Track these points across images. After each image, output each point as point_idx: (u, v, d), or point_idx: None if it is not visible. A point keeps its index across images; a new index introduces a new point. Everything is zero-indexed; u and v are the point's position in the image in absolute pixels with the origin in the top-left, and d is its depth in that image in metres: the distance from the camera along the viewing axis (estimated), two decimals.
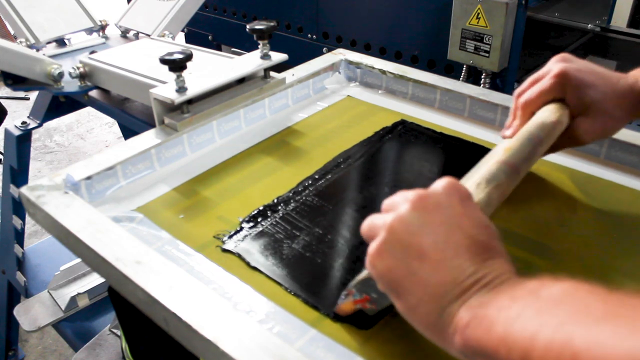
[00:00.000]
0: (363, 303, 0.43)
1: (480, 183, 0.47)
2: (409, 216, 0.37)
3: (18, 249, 1.36)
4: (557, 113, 0.56)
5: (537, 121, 0.55)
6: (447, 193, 0.38)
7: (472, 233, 0.36)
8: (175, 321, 0.42)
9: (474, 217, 0.37)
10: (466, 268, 0.35)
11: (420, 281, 0.35)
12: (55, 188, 0.58)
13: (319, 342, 0.44)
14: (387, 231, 0.37)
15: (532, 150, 0.52)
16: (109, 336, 1.25)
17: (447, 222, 0.36)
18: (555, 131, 0.55)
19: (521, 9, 1.05)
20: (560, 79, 0.56)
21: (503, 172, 0.48)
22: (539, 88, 0.57)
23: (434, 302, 0.35)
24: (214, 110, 0.73)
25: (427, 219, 0.36)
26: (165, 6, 1.21)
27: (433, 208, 0.37)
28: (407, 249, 0.36)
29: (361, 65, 0.89)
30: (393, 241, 0.37)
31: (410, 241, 0.36)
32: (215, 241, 0.55)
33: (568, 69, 0.55)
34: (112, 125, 3.03)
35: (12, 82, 1.02)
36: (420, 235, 0.36)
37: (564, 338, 0.28)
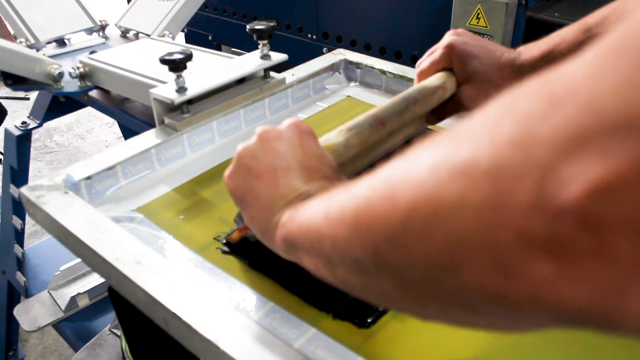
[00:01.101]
0: (245, 231, 0.49)
1: (342, 130, 0.51)
2: (253, 145, 0.44)
3: (18, 249, 1.36)
4: (441, 80, 0.62)
5: (420, 85, 0.61)
6: (289, 128, 0.45)
7: (303, 159, 0.43)
8: (175, 321, 0.42)
9: (308, 148, 0.44)
10: (293, 185, 0.41)
11: (256, 196, 0.42)
12: (55, 188, 0.58)
13: (318, 341, 0.44)
14: (236, 157, 0.44)
15: (403, 106, 0.57)
16: (109, 336, 1.25)
17: (283, 150, 0.43)
18: (436, 94, 0.61)
19: (521, 9, 1.05)
20: (447, 50, 0.62)
21: (367, 122, 0.53)
22: (430, 59, 0.64)
23: (266, 212, 0.41)
24: (214, 110, 0.73)
25: (266, 146, 0.43)
26: (165, 6, 1.21)
27: (273, 138, 0.43)
28: (248, 170, 0.43)
29: (361, 65, 0.89)
30: (239, 165, 0.44)
31: (251, 164, 0.43)
32: (215, 242, 0.55)
33: (455, 40, 0.62)
34: (112, 125, 3.03)
35: (12, 82, 1.02)
36: (259, 159, 0.43)
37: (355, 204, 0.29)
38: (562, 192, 0.19)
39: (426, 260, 0.24)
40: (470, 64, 0.62)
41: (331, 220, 0.31)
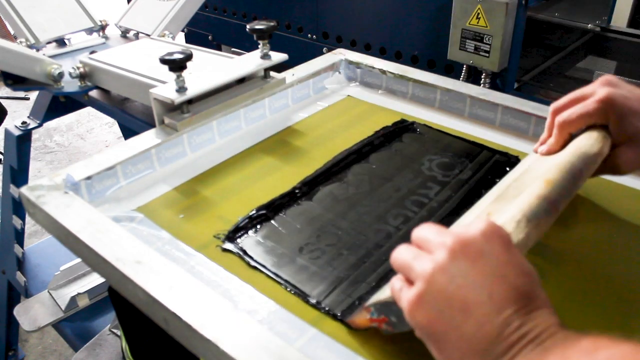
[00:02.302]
0: (380, 323, 0.42)
1: (520, 221, 0.43)
2: (450, 266, 0.35)
3: (18, 249, 1.36)
4: (600, 143, 0.52)
5: (579, 150, 0.52)
6: (489, 238, 0.36)
7: (517, 283, 0.35)
8: (176, 321, 0.42)
9: (518, 265, 0.36)
10: (511, 322, 0.33)
11: (463, 335, 0.34)
12: (55, 188, 0.58)
13: (319, 341, 0.44)
14: (426, 282, 0.35)
15: (573, 185, 0.49)
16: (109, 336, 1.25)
17: (491, 272, 0.35)
18: (596, 163, 0.52)
19: (521, 9, 1.05)
20: (604, 105, 0.52)
21: (544, 210, 0.45)
22: (580, 110, 0.54)
23: (477, 357, 0.34)
24: (214, 110, 0.73)
25: (470, 270, 0.35)
26: (165, 6, 1.21)
27: (475, 256, 0.35)
28: (449, 301, 0.34)
29: (361, 65, 0.89)
30: (434, 292, 0.35)
31: (453, 293, 0.34)
32: (216, 241, 0.55)
33: (614, 94, 0.52)
34: (112, 125, 3.03)
35: (12, 82, 1.02)
36: (463, 287, 0.34)
37: None
38: None
39: None
40: (632, 124, 0.52)
41: None
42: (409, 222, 0.58)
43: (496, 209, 0.46)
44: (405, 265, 0.38)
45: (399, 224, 0.58)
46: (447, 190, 0.63)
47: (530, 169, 0.53)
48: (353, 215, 0.59)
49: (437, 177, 0.65)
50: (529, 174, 0.52)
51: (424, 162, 0.68)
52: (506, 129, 0.76)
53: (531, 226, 0.42)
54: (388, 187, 0.64)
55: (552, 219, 0.46)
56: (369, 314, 0.43)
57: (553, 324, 0.34)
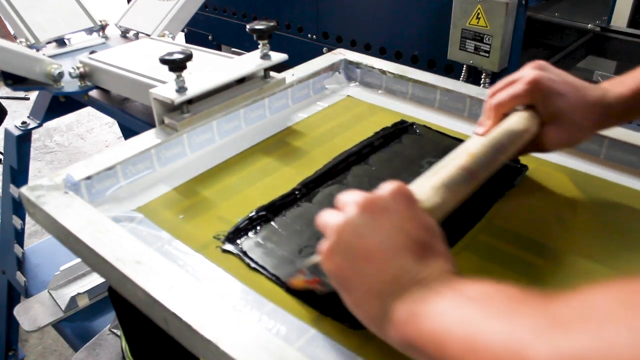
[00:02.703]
0: (314, 284, 0.46)
1: (438, 187, 0.48)
2: (357, 219, 0.39)
3: (18, 249, 1.36)
4: (527, 122, 0.57)
5: (506, 128, 0.57)
6: (394, 197, 0.40)
7: (415, 235, 0.39)
8: (175, 321, 0.42)
9: (418, 220, 0.40)
10: (407, 267, 0.37)
11: (365, 279, 0.38)
12: (55, 188, 0.58)
13: (318, 342, 0.44)
14: (336, 234, 0.40)
15: (494, 157, 0.54)
16: (109, 336, 1.25)
17: (393, 225, 0.39)
18: (522, 139, 0.57)
19: (521, 9, 1.05)
20: (532, 86, 0.57)
21: (462, 177, 0.50)
22: (511, 92, 0.58)
23: (376, 298, 0.38)
24: (214, 110, 0.73)
25: (374, 223, 0.39)
26: (165, 6, 1.21)
27: (380, 212, 0.39)
28: (354, 250, 0.39)
29: (361, 65, 0.89)
30: (342, 243, 0.39)
31: (358, 243, 0.39)
32: (216, 241, 0.55)
33: (541, 77, 0.57)
34: (112, 125, 3.03)
35: (12, 82, 1.02)
36: (366, 237, 0.39)
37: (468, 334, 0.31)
38: None
39: None
40: (556, 103, 0.56)
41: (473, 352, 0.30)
42: None
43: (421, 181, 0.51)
44: (324, 224, 0.42)
45: None
46: None
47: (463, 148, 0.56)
48: None
49: None
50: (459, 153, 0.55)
51: (423, 164, 0.68)
52: None
53: (448, 192, 0.48)
54: None
55: (471, 186, 0.51)
56: (303, 276, 0.46)
57: (445, 271, 0.38)
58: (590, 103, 0.56)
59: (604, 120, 0.58)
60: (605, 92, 0.57)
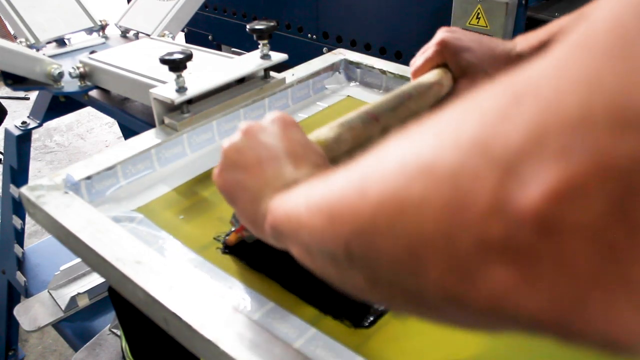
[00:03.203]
0: (241, 232, 0.50)
1: (333, 126, 0.51)
2: (238, 140, 0.44)
3: (18, 249, 1.36)
4: (436, 76, 0.61)
5: (413, 83, 0.60)
6: (272, 121, 0.45)
7: (288, 148, 0.43)
8: (176, 321, 0.42)
9: (293, 137, 0.44)
10: (280, 173, 0.41)
11: (245, 188, 0.42)
12: (55, 188, 0.58)
13: (318, 341, 0.44)
14: (223, 154, 0.44)
15: (397, 102, 0.56)
16: (109, 336, 1.25)
17: (268, 141, 0.43)
18: (431, 90, 0.60)
19: (521, 9, 1.05)
20: (440, 46, 0.62)
21: (359, 117, 0.52)
22: (423, 57, 0.64)
23: (254, 203, 0.41)
24: (214, 110, 0.73)
25: (251, 140, 0.43)
26: (165, 6, 1.21)
27: (257, 131, 0.44)
28: (235, 165, 0.43)
29: (361, 65, 0.89)
30: (225, 161, 0.44)
31: (237, 158, 0.43)
32: (216, 242, 0.55)
33: (447, 37, 0.62)
34: (112, 125, 3.03)
35: (12, 82, 1.02)
36: (244, 152, 0.43)
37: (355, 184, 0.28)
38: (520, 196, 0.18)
39: (391, 258, 0.23)
40: (463, 57, 0.62)
41: (310, 210, 0.31)
42: None
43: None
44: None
45: None
46: None
47: None
48: None
49: None
50: None
51: None
52: None
53: (343, 128, 0.50)
54: None
55: (371, 126, 0.52)
56: (233, 227, 0.52)
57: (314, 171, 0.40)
58: (500, 54, 0.62)
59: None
60: (515, 44, 0.62)
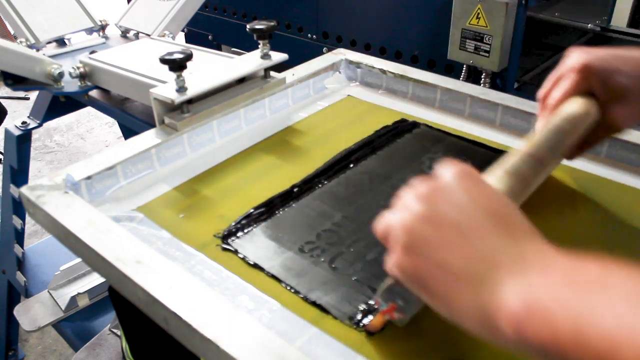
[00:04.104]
0: (391, 313, 0.41)
1: (501, 176, 0.44)
2: (425, 211, 0.35)
3: (18, 249, 1.36)
4: (583, 106, 0.53)
5: (563, 113, 0.53)
6: (457, 177, 0.36)
7: (494, 209, 0.34)
8: (176, 321, 0.42)
9: (490, 194, 0.36)
10: (498, 247, 0.32)
11: (451, 272, 0.33)
12: (55, 188, 0.58)
13: (319, 340, 0.44)
14: (406, 232, 0.35)
15: (556, 140, 0.49)
16: (109, 336, 1.25)
17: (465, 206, 0.34)
18: (583, 123, 0.52)
19: (521, 9, 1.05)
20: (583, 73, 0.52)
21: (525, 162, 0.46)
22: (563, 88, 0.54)
23: (470, 290, 0.32)
24: (214, 110, 0.73)
25: (443, 210, 0.34)
26: (165, 6, 1.21)
27: (446, 196, 0.35)
28: (430, 243, 0.34)
29: (361, 65, 0.89)
30: (414, 240, 0.35)
31: (432, 235, 0.34)
32: (216, 240, 0.55)
33: (590, 60, 0.52)
34: (112, 125, 3.03)
35: (12, 82, 1.02)
36: (440, 226, 0.34)
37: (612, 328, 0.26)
38: None
39: None
40: (615, 82, 0.52)
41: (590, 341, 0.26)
42: None
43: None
44: (387, 228, 0.38)
45: None
46: None
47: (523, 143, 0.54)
48: (353, 214, 0.59)
49: None
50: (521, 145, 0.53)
51: (424, 160, 0.68)
52: (506, 128, 0.76)
53: (512, 179, 0.43)
54: (388, 185, 0.64)
55: (538, 172, 0.46)
56: (380, 308, 0.42)
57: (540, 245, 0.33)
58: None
59: None
60: None
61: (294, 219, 0.58)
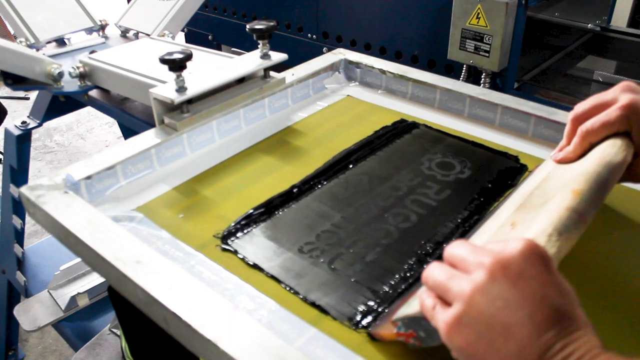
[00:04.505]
0: (407, 338, 0.41)
1: (551, 235, 0.42)
2: (489, 287, 0.34)
3: (18, 249, 1.36)
4: (624, 152, 0.50)
5: (604, 160, 0.50)
6: (528, 258, 0.35)
7: (558, 304, 0.34)
8: (175, 321, 0.42)
9: (558, 285, 0.35)
10: (553, 344, 0.33)
11: (503, 358, 0.33)
12: (55, 188, 0.58)
13: (318, 341, 0.44)
14: (465, 303, 0.35)
15: (600, 195, 0.48)
16: (109, 336, 1.25)
17: (532, 293, 0.34)
18: (621, 172, 0.50)
19: (521, 8, 1.05)
20: (628, 112, 0.50)
21: (573, 222, 0.44)
22: (603, 119, 0.52)
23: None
24: (213, 110, 0.73)
25: (510, 291, 0.34)
26: (165, 6, 1.21)
27: (515, 277, 0.34)
28: (489, 323, 0.34)
29: (361, 65, 0.89)
30: (473, 314, 0.34)
31: (493, 315, 0.34)
32: (215, 240, 0.55)
33: (637, 101, 0.50)
34: (112, 125, 3.03)
35: (12, 82, 1.02)
36: (503, 309, 0.34)
37: None
38: None
39: None
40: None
41: None
42: (408, 221, 0.58)
43: (521, 219, 0.46)
44: (441, 285, 0.37)
45: (399, 223, 0.58)
46: (446, 190, 0.63)
47: (552, 177, 0.52)
48: (352, 215, 0.59)
49: (437, 177, 0.65)
50: (552, 181, 0.51)
51: (423, 161, 0.68)
52: (506, 129, 0.76)
53: (562, 240, 0.42)
54: (387, 186, 0.64)
55: (581, 231, 0.44)
56: (395, 328, 0.42)
57: (595, 346, 0.33)
58: None
59: None
60: None
61: (293, 219, 0.58)
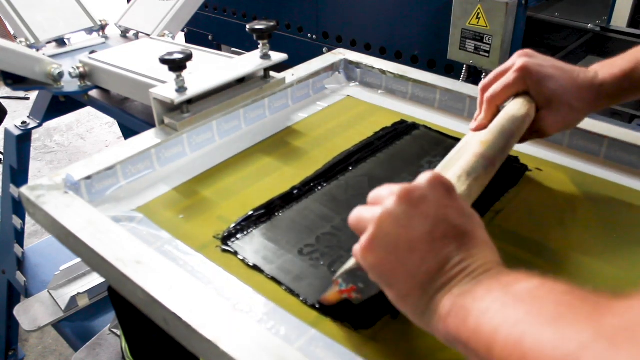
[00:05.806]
0: (349, 293, 0.44)
1: (460, 176, 0.49)
2: (396, 209, 0.38)
3: (18, 249, 1.36)
4: (526, 106, 0.58)
5: (509, 114, 0.57)
6: (432, 186, 0.39)
7: (458, 223, 0.38)
8: (175, 321, 0.42)
9: (458, 208, 0.39)
10: (452, 257, 0.36)
11: (409, 271, 0.37)
12: (55, 188, 0.58)
13: (318, 342, 0.44)
14: (376, 225, 0.38)
15: (505, 143, 0.55)
16: (109, 336, 1.25)
17: (434, 213, 0.37)
18: (525, 124, 0.57)
19: (521, 8, 1.05)
20: (522, 73, 0.58)
21: (482, 165, 0.51)
22: (503, 82, 0.59)
23: (421, 290, 0.37)
24: (213, 110, 0.73)
25: (414, 212, 0.37)
26: (165, 6, 1.21)
27: (419, 201, 0.38)
28: (396, 241, 0.37)
29: (361, 65, 0.89)
30: (382, 234, 0.38)
31: (399, 234, 0.37)
32: (215, 241, 0.55)
33: (529, 63, 0.58)
34: (112, 125, 3.03)
35: (12, 82, 1.02)
36: (408, 227, 0.37)
37: (516, 337, 0.30)
38: None
39: None
40: (547, 87, 0.57)
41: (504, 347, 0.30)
42: None
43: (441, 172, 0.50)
44: (359, 218, 0.41)
45: None
46: None
47: (468, 142, 0.58)
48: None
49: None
50: (467, 145, 0.57)
51: (423, 163, 0.68)
52: None
53: (471, 179, 0.49)
54: None
55: (490, 173, 0.52)
56: (338, 287, 0.45)
57: (491, 261, 0.37)
58: (582, 85, 0.57)
59: (597, 101, 0.59)
60: (596, 74, 0.58)
61: (293, 221, 0.58)
